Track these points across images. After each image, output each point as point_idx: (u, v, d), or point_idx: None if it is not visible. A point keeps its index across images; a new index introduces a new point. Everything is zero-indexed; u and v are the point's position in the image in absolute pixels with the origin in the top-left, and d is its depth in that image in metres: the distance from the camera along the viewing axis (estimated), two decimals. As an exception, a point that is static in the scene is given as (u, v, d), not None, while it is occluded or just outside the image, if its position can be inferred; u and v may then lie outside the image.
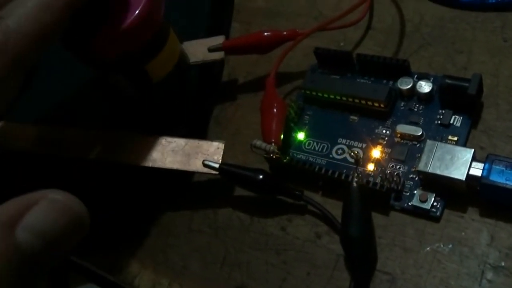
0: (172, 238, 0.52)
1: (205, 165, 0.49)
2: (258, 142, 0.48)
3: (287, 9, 0.61)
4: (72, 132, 0.53)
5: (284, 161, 0.49)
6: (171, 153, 0.50)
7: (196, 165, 0.50)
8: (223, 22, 0.63)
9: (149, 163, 0.50)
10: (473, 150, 0.43)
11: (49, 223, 0.30)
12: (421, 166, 0.44)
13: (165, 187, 0.54)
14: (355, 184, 0.45)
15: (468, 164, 0.43)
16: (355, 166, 0.48)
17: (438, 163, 0.44)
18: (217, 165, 0.49)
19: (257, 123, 0.51)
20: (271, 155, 0.48)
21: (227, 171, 0.49)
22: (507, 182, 0.41)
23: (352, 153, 0.48)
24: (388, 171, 0.46)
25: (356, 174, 0.45)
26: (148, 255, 0.53)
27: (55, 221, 0.30)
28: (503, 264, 0.42)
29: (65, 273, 0.53)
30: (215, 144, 0.50)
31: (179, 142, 0.51)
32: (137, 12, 0.46)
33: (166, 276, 0.51)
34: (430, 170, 0.44)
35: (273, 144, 0.48)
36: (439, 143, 0.45)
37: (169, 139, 0.51)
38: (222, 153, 0.50)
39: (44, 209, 0.30)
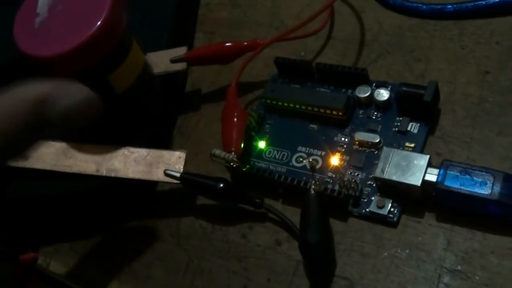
0: (135, 247, 0.53)
1: (166, 175, 0.49)
2: (217, 151, 0.49)
3: (249, 19, 0.62)
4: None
5: (244, 169, 0.49)
6: (133, 163, 0.50)
7: (158, 175, 0.50)
8: (187, 33, 0.63)
9: (112, 173, 0.50)
10: (428, 156, 0.44)
11: (76, 111, 0.39)
12: (377, 173, 0.45)
13: (129, 197, 0.54)
14: (312, 191, 0.45)
15: (424, 170, 0.43)
16: (313, 174, 0.48)
17: (394, 170, 0.44)
18: (178, 174, 0.49)
19: (220, 133, 0.51)
20: (231, 163, 0.48)
21: (188, 180, 0.49)
22: (462, 187, 0.42)
23: (308, 161, 0.49)
24: (346, 178, 0.47)
25: (313, 181, 0.46)
26: (112, 264, 0.53)
27: (80, 110, 0.39)
28: (459, 268, 0.42)
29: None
30: (177, 153, 0.50)
31: (141, 152, 0.51)
32: (98, 23, 0.46)
33: (130, 285, 0.51)
34: (386, 176, 0.44)
35: (232, 153, 0.49)
36: (395, 149, 0.45)
37: (132, 149, 0.51)
38: (183, 163, 0.50)
39: (76, 98, 0.39)
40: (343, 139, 0.50)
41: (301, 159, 0.50)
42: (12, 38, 0.48)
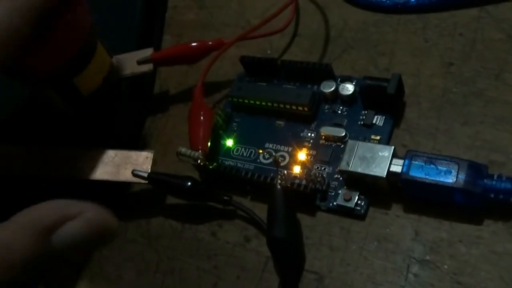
0: (106, 249, 0.53)
1: (134, 175, 0.49)
2: (183, 149, 0.49)
3: (216, 20, 0.62)
4: (4, 148, 0.53)
5: (211, 167, 0.49)
6: (101, 164, 0.50)
7: (126, 175, 0.50)
8: (154, 35, 0.63)
9: (80, 176, 0.50)
10: (392, 147, 0.44)
11: (81, 239, 0.33)
12: (343, 166, 0.45)
13: (99, 199, 0.53)
14: (278, 186, 0.45)
15: (389, 161, 0.43)
16: (280, 169, 0.48)
17: (359, 162, 0.44)
18: (146, 174, 0.49)
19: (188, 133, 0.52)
20: (198, 161, 0.48)
21: (156, 180, 0.50)
22: (427, 177, 0.42)
23: (270, 155, 0.49)
24: (313, 173, 0.47)
25: (279, 176, 0.46)
26: (83, 266, 0.53)
27: (86, 238, 0.33)
28: (427, 257, 0.42)
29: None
30: (144, 153, 0.50)
31: (109, 153, 0.51)
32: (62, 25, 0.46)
33: (101, 286, 0.51)
34: (351, 168, 0.44)
35: (199, 151, 0.49)
36: (360, 142, 0.45)
37: (99, 151, 0.51)
38: (151, 162, 0.50)
39: (80, 226, 0.33)
40: (309, 134, 0.50)
41: (266, 155, 0.50)
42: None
